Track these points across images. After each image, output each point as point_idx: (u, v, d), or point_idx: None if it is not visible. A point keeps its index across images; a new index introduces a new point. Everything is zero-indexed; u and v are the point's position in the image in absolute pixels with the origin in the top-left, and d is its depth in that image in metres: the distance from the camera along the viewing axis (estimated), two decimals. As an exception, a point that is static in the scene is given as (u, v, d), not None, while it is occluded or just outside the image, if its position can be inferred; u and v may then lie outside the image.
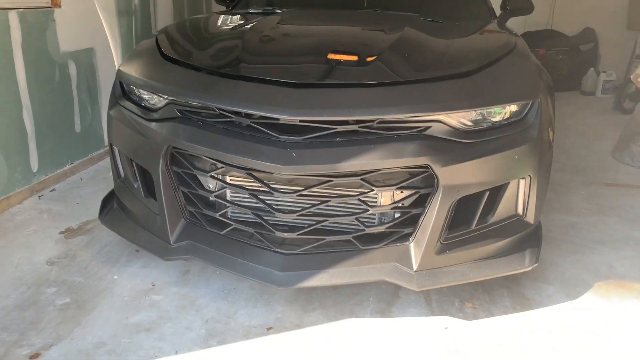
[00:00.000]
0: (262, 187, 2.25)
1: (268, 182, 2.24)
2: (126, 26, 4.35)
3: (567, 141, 4.96)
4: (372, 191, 2.21)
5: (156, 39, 2.73)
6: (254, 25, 2.89)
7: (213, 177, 2.33)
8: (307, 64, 2.45)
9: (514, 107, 2.31)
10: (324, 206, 2.27)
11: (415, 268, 2.25)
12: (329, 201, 2.24)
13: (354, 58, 2.40)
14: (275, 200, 2.31)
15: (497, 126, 2.29)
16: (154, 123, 2.38)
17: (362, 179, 2.17)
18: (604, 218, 3.38)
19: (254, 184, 2.29)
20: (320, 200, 2.24)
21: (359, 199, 2.24)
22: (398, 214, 2.31)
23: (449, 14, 3.46)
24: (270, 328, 2.26)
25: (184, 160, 2.36)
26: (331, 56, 2.40)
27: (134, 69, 2.56)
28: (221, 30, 3.06)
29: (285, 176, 2.16)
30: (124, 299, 2.41)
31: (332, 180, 2.18)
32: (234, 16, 3.36)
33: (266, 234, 2.31)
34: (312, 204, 2.25)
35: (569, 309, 2.43)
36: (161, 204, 2.40)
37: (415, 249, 2.26)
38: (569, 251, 2.94)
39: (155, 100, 2.45)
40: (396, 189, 2.22)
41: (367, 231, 2.28)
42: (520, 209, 2.40)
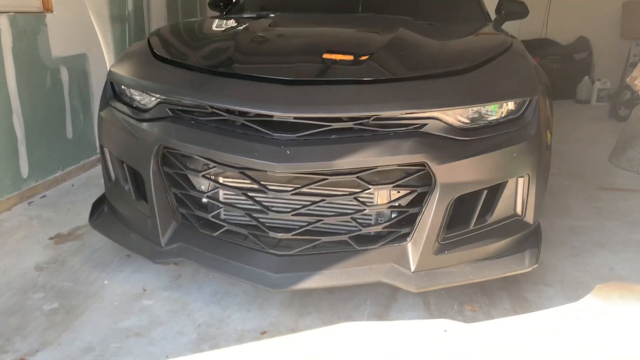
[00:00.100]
0: (256, 187, 2.19)
1: (262, 182, 2.19)
2: (119, 32, 4.31)
3: (563, 147, 4.93)
4: (368, 190, 2.16)
5: (148, 40, 2.69)
6: (247, 26, 2.85)
7: (205, 177, 2.28)
8: (301, 63, 2.41)
9: (511, 105, 2.27)
10: (319, 206, 2.21)
11: (413, 269, 2.19)
12: (324, 200, 2.19)
13: (349, 57, 2.37)
14: (269, 200, 2.25)
15: (495, 124, 2.25)
16: (145, 123, 2.33)
17: (357, 177, 2.12)
18: (602, 221, 3.34)
19: (247, 183, 2.24)
20: (315, 200, 2.19)
21: (354, 198, 2.18)
22: (395, 213, 2.26)
23: (444, 18, 3.44)
24: (265, 332, 2.19)
25: (176, 161, 2.31)
26: (326, 56, 2.37)
27: (125, 69, 2.52)
28: (214, 32, 3.02)
29: (279, 174, 2.11)
30: (113, 304, 2.34)
31: (327, 179, 2.13)
32: (227, 20, 3.33)
33: (260, 235, 2.25)
34: (306, 204, 2.20)
35: (570, 311, 2.38)
36: (152, 205, 2.34)
37: (413, 250, 2.20)
38: (569, 254, 2.89)
39: (146, 100, 2.41)
40: (393, 188, 2.17)
41: (364, 231, 2.23)
42: (519, 209, 2.35)
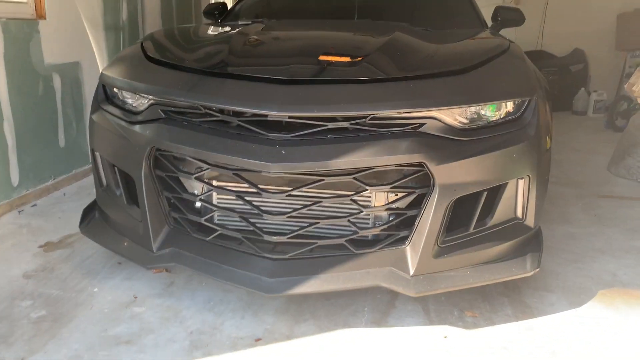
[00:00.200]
0: (250, 188, 2.14)
1: (256, 183, 2.13)
2: (114, 41, 4.28)
3: (561, 156, 4.90)
4: (366, 190, 2.10)
5: (141, 43, 2.65)
6: (241, 30, 2.82)
7: (198, 179, 2.22)
8: (296, 64, 2.37)
9: (509, 105, 2.23)
10: (315, 208, 2.15)
11: (412, 272, 2.13)
12: (320, 202, 2.13)
13: (345, 59, 2.33)
14: (263, 202, 2.20)
15: (494, 124, 2.20)
16: (137, 125, 2.28)
17: (354, 178, 2.07)
18: (603, 228, 3.29)
19: (241, 186, 2.18)
20: (311, 202, 2.14)
21: (351, 200, 2.13)
22: (393, 215, 2.21)
23: (440, 25, 3.41)
24: (259, 339, 2.12)
25: (168, 163, 2.26)
26: (322, 57, 2.33)
27: (117, 71, 2.47)
28: (208, 35, 2.99)
29: (274, 174, 2.05)
30: (103, 311, 2.27)
31: (323, 180, 2.08)
32: (222, 26, 3.30)
33: (254, 238, 2.19)
34: (302, 206, 2.14)
35: (573, 317, 2.31)
36: (144, 209, 2.28)
37: (412, 253, 2.14)
38: (570, 260, 2.84)
39: (138, 102, 2.36)
40: (390, 189, 2.12)
41: (361, 234, 2.17)
42: (519, 212, 2.30)
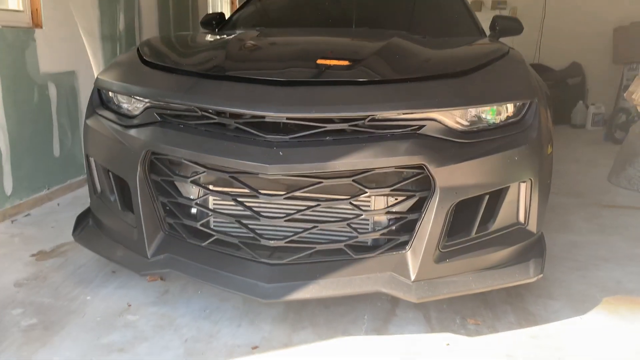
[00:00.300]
0: (247, 191, 2.09)
1: (253, 186, 2.09)
2: (110, 51, 4.26)
3: (561, 168, 4.87)
4: (365, 193, 2.06)
5: (137, 49, 2.62)
6: (238, 35, 2.80)
7: (194, 182, 2.18)
8: (294, 68, 2.34)
9: (510, 107, 2.20)
10: (313, 211, 2.11)
11: (413, 278, 2.08)
12: (318, 205, 2.08)
13: (343, 63, 2.30)
14: (260, 205, 2.15)
15: (494, 127, 2.17)
16: (132, 129, 2.24)
17: (353, 181, 2.03)
18: (605, 237, 3.24)
19: (238, 189, 2.14)
20: (309, 205, 2.09)
21: (350, 203, 2.08)
22: (393, 220, 2.16)
23: (439, 34, 3.39)
24: (256, 347, 2.06)
25: (163, 167, 2.21)
26: (320, 61, 2.30)
27: (113, 75, 2.44)
28: (205, 41, 2.97)
29: (271, 176, 2.00)
30: (96, 320, 2.21)
31: (321, 182, 2.03)
32: (219, 34, 3.28)
33: (251, 243, 2.14)
34: (300, 209, 2.09)
35: (578, 324, 2.26)
36: (138, 215, 2.23)
37: (413, 258, 2.09)
38: (573, 268, 2.78)
39: (134, 106, 2.32)
40: (390, 191, 2.07)
41: (360, 238, 2.12)
42: (521, 217, 2.25)
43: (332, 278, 2.07)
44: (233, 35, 2.84)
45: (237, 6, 4.50)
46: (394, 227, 2.15)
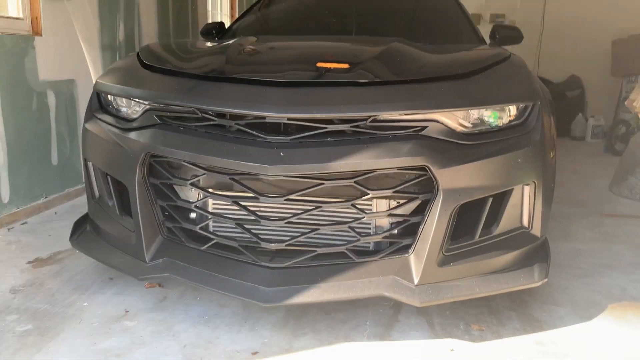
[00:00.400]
0: (247, 193, 2.06)
1: (253, 188, 2.06)
2: (110, 60, 4.25)
3: (562, 179, 4.84)
4: (367, 195, 2.03)
5: (137, 53, 2.61)
6: (239, 40, 2.79)
7: (194, 185, 2.15)
8: (294, 70, 2.33)
9: (513, 109, 2.18)
10: (314, 214, 2.07)
11: (416, 281, 2.04)
12: (320, 207, 2.05)
13: (343, 66, 2.29)
14: (261, 208, 2.12)
15: (497, 129, 2.15)
16: (131, 132, 2.22)
17: (355, 182, 2.00)
18: (609, 245, 3.21)
19: (237, 191, 2.11)
20: (310, 207, 2.06)
21: (352, 205, 2.05)
22: (395, 223, 2.13)
23: (439, 42, 3.39)
24: (256, 353, 2.01)
25: (162, 170, 2.19)
26: (320, 64, 2.28)
27: (113, 79, 2.42)
28: (205, 46, 2.96)
29: (271, 177, 1.98)
30: (92, 325, 2.16)
31: (323, 184, 2.00)
32: (219, 42, 3.28)
33: (251, 246, 2.11)
34: (301, 211, 2.06)
35: (584, 330, 2.22)
36: (136, 218, 2.20)
37: (416, 261, 2.05)
38: (577, 275, 2.75)
39: (133, 109, 2.30)
40: (392, 194, 2.04)
41: (362, 241, 2.09)
42: (525, 221, 2.22)
43: (333, 282, 2.03)
44: (233, 41, 2.83)
45: (237, 17, 4.52)
46: (396, 230, 2.11)
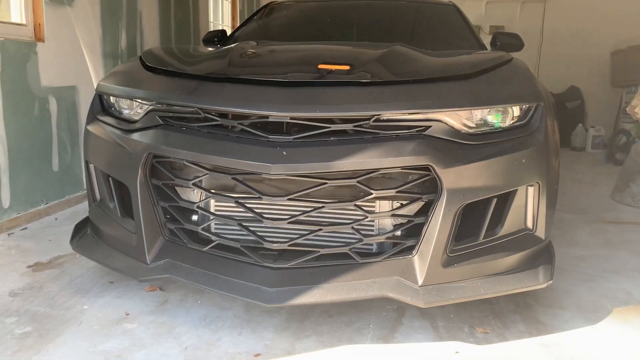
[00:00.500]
0: (249, 193, 2.05)
1: (256, 188, 2.04)
2: (112, 68, 4.25)
3: (564, 187, 4.83)
4: (370, 195, 2.01)
5: (139, 57, 2.61)
6: (241, 44, 2.79)
7: (196, 185, 2.13)
8: (296, 72, 2.32)
9: (516, 110, 2.18)
10: (317, 214, 2.06)
11: (420, 282, 2.02)
12: (322, 207, 2.03)
13: (345, 67, 2.29)
14: (263, 208, 2.10)
15: (501, 130, 2.14)
16: (134, 133, 2.21)
17: (358, 182, 1.99)
18: (613, 251, 3.19)
19: (240, 192, 2.09)
20: (312, 207, 2.04)
21: (355, 205, 2.04)
22: (399, 223, 2.11)
23: (441, 48, 3.40)
24: (258, 355, 1.98)
25: (164, 170, 2.17)
26: (322, 66, 2.28)
27: (115, 80, 2.42)
28: (207, 51, 2.96)
29: (274, 176, 1.96)
30: (92, 328, 2.14)
31: (325, 183, 1.99)
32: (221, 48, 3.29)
33: (254, 247, 2.09)
34: (304, 211, 2.04)
35: (590, 334, 2.19)
36: (138, 219, 2.18)
37: (420, 262, 2.03)
38: (582, 280, 2.72)
39: (136, 110, 2.30)
40: (396, 193, 2.02)
41: (366, 241, 2.07)
42: (529, 222, 2.21)
43: (336, 282, 2.01)
44: (235, 44, 2.83)
45: (238, 25, 4.54)
46: (400, 231, 2.10)
